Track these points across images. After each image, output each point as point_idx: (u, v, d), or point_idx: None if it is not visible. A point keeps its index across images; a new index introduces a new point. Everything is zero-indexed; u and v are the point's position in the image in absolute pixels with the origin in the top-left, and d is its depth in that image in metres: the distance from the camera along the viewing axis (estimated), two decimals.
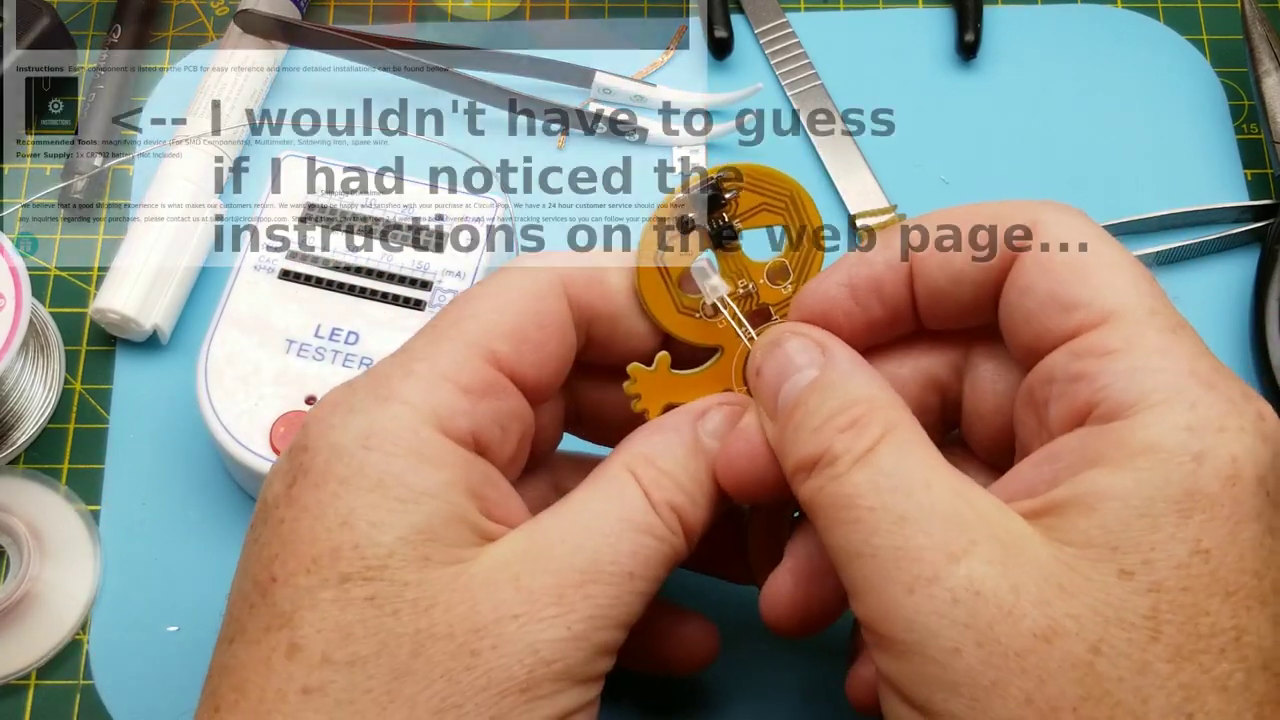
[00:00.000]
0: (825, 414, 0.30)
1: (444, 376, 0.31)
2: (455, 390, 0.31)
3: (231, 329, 0.45)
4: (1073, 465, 0.29)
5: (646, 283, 0.34)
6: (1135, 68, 0.55)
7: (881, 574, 0.28)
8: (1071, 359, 0.30)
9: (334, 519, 0.29)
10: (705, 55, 0.55)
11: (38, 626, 0.44)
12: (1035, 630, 0.26)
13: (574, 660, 0.29)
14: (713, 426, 0.33)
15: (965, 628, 0.27)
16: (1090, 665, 0.26)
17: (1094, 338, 0.30)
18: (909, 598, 0.27)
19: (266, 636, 0.29)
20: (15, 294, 0.44)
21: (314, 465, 0.30)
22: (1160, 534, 0.27)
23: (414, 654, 0.28)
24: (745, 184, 0.35)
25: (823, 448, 0.30)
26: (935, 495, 0.28)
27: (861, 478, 0.29)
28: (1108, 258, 0.31)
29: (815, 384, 0.31)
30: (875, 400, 0.30)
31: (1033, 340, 0.31)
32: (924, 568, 0.27)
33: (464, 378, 0.31)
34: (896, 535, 0.28)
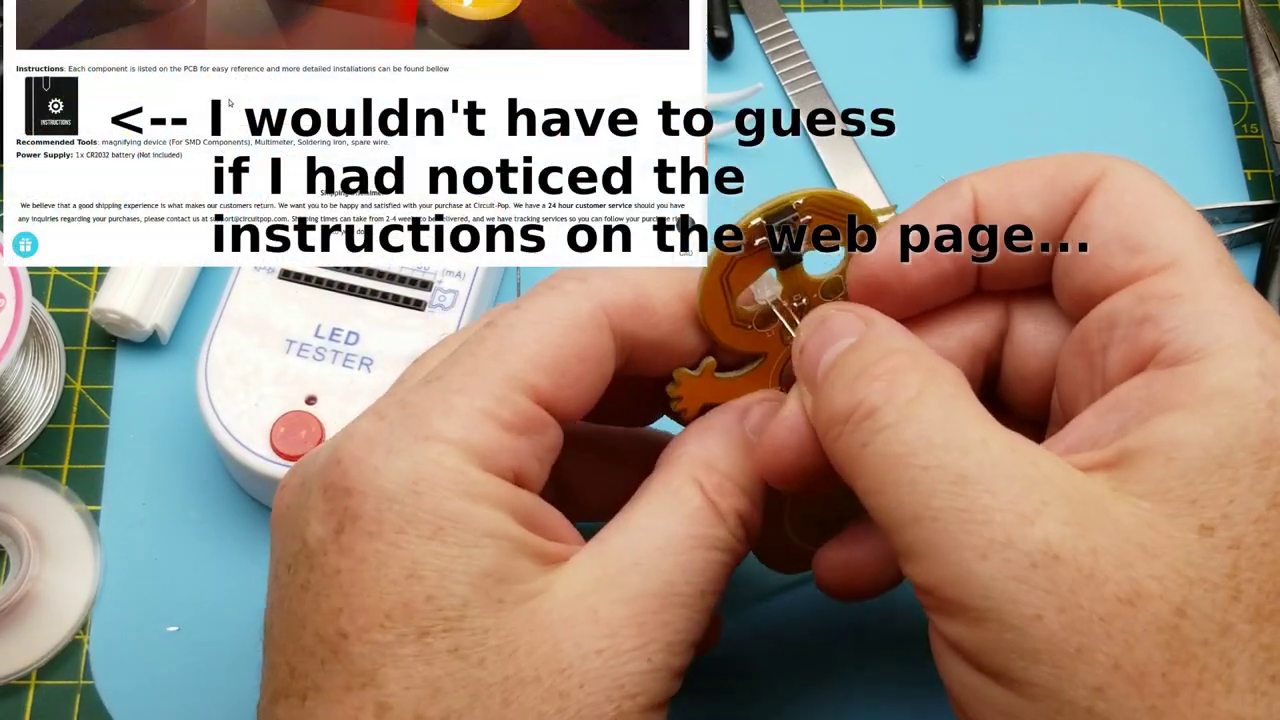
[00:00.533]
0: (861, 365, 0.29)
1: (484, 413, 0.30)
2: (497, 427, 0.30)
3: (231, 329, 0.45)
4: (1141, 413, 0.28)
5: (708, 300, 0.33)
6: (1135, 68, 0.55)
7: (947, 538, 0.26)
8: (1137, 302, 0.29)
9: (399, 571, 0.28)
10: (705, 55, 0.55)
11: (38, 626, 0.44)
12: (1119, 594, 0.26)
13: (656, 691, 0.29)
14: (755, 422, 0.33)
15: (1046, 593, 0.25)
16: (1176, 628, 0.26)
17: (1160, 281, 0.29)
18: (982, 564, 0.26)
19: (348, 696, 0.28)
20: (15, 294, 0.44)
21: (364, 512, 0.28)
22: (1239, 486, 0.26)
23: (505, 702, 0.27)
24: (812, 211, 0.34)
25: (858, 398, 0.28)
26: (994, 452, 0.27)
27: (911, 432, 0.27)
28: (1177, 206, 0.30)
29: (854, 345, 0.30)
30: (915, 351, 0.29)
31: (1091, 282, 0.30)
32: (995, 531, 0.26)
33: (505, 413, 0.30)
34: (959, 496, 0.26)
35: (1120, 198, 0.31)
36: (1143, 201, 0.31)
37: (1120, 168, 0.31)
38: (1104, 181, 0.31)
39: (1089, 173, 0.32)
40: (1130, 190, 0.31)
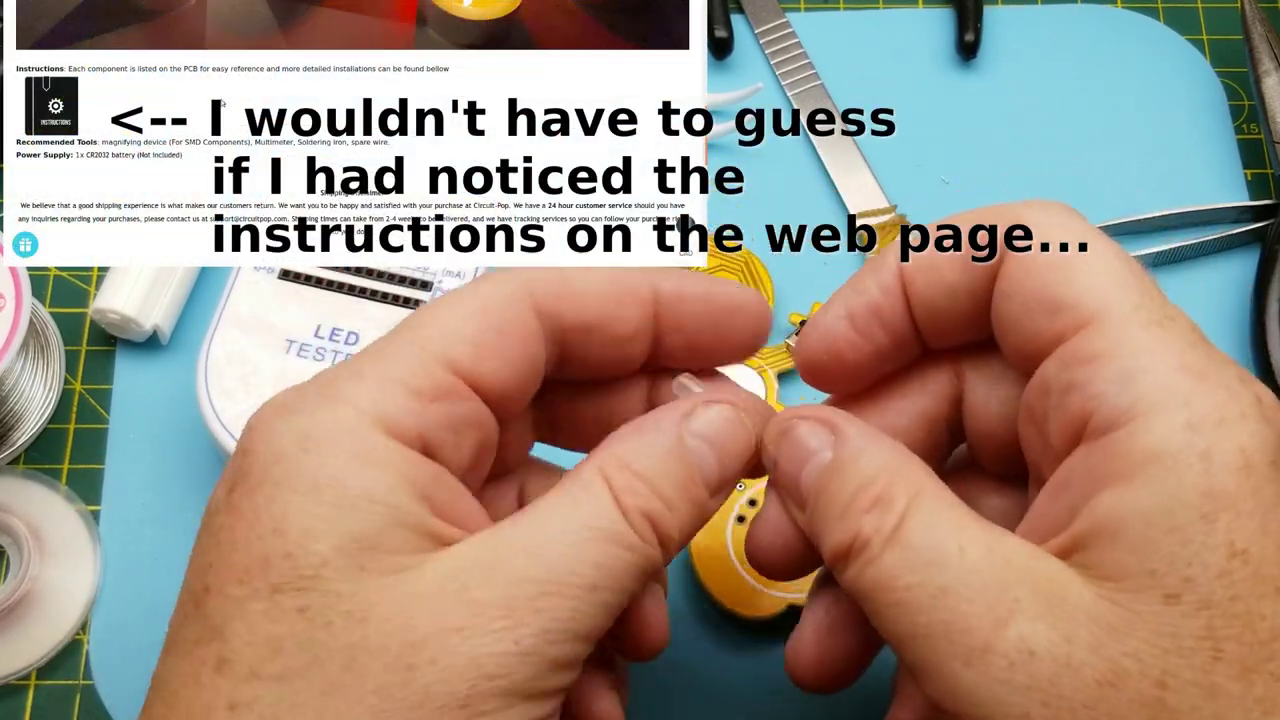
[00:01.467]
0: (847, 497, 0.30)
1: (393, 379, 0.30)
2: (405, 392, 0.30)
3: (231, 329, 0.45)
4: (1084, 491, 0.28)
5: None
6: (1135, 68, 0.55)
7: (936, 652, 0.27)
8: (1062, 368, 0.29)
9: (267, 525, 0.28)
10: (705, 55, 0.55)
11: (38, 626, 0.44)
12: (1098, 678, 0.26)
13: (521, 676, 0.28)
14: (700, 426, 0.32)
15: (1028, 690, 0.26)
16: (1161, 701, 0.26)
17: (1081, 341, 0.29)
18: (967, 672, 0.27)
19: (197, 649, 0.28)
20: (15, 294, 0.44)
21: (252, 469, 0.29)
22: (1192, 546, 0.26)
23: (345, 668, 0.27)
24: None
25: (852, 533, 0.29)
26: (970, 559, 0.28)
27: (893, 558, 0.28)
28: (1092, 254, 0.30)
29: (831, 467, 0.30)
30: (894, 471, 0.30)
31: (1024, 346, 0.30)
32: (974, 638, 0.27)
33: (415, 381, 0.30)
34: (940, 609, 0.27)
35: (1034, 256, 0.30)
36: (1056, 257, 0.30)
37: (1035, 216, 0.31)
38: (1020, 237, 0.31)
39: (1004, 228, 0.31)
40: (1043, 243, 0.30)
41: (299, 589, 0.27)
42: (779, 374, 0.48)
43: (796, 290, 0.50)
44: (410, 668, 0.27)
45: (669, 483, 0.31)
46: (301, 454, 0.28)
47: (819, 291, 0.50)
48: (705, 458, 0.31)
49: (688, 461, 0.31)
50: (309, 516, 0.28)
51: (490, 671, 0.27)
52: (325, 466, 0.28)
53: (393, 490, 0.28)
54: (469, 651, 0.27)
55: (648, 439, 0.31)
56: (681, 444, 0.31)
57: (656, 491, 0.30)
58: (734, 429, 0.32)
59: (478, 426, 0.31)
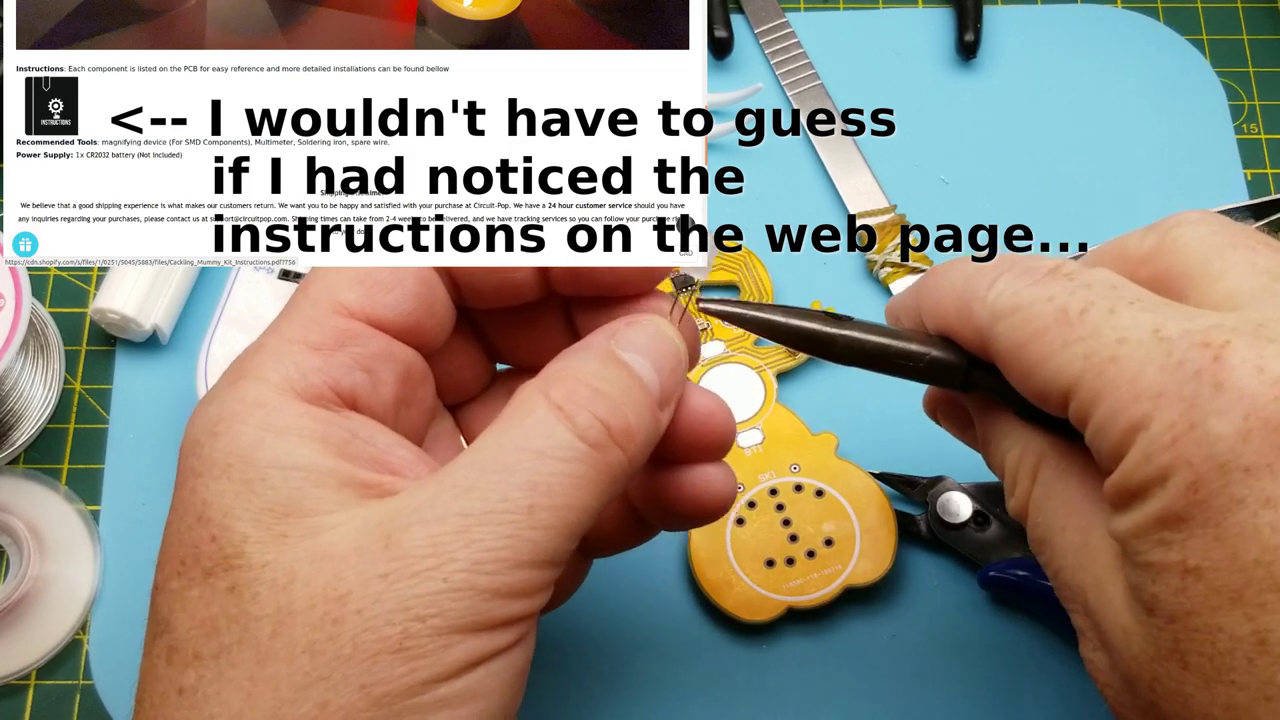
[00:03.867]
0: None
1: (292, 340, 0.30)
2: (304, 349, 0.30)
3: (231, 329, 0.45)
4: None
5: None
6: (1135, 68, 0.55)
7: None
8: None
9: (192, 515, 0.29)
10: (705, 55, 0.55)
11: (38, 626, 0.44)
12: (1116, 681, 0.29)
13: (456, 612, 0.27)
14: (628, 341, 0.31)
15: None
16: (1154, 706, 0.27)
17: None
18: None
19: (153, 645, 0.29)
20: (15, 294, 0.44)
21: (179, 467, 0.30)
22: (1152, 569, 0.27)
23: (274, 635, 0.27)
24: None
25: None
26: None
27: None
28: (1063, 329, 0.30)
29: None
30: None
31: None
32: None
33: (312, 335, 0.30)
34: None
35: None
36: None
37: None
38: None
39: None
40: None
41: (227, 569, 0.28)
42: (778, 374, 0.48)
43: (796, 290, 0.50)
44: (337, 621, 0.27)
45: (612, 385, 0.30)
46: (211, 439, 0.29)
47: (819, 291, 0.50)
48: (642, 366, 0.31)
49: (626, 366, 0.31)
50: (225, 496, 0.28)
51: (420, 613, 0.27)
52: (233, 445, 0.29)
53: (303, 453, 0.29)
54: (395, 596, 0.27)
55: (581, 355, 0.31)
56: (614, 354, 0.31)
57: (600, 393, 0.30)
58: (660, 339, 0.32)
59: (392, 360, 0.31)
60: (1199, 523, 0.26)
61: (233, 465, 0.28)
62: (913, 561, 0.45)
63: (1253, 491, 0.25)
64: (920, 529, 0.45)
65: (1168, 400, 0.26)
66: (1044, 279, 0.30)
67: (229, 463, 0.28)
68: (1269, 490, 0.25)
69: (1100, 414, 0.28)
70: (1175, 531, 0.26)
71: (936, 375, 0.33)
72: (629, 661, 0.43)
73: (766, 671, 0.44)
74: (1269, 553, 0.25)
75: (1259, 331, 0.26)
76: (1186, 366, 0.26)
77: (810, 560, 0.43)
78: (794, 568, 0.43)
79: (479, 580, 0.27)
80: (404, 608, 0.27)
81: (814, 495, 0.45)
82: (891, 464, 0.46)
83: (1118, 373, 0.27)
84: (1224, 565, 0.26)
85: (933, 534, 0.45)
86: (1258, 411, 0.25)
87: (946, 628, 0.44)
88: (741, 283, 0.49)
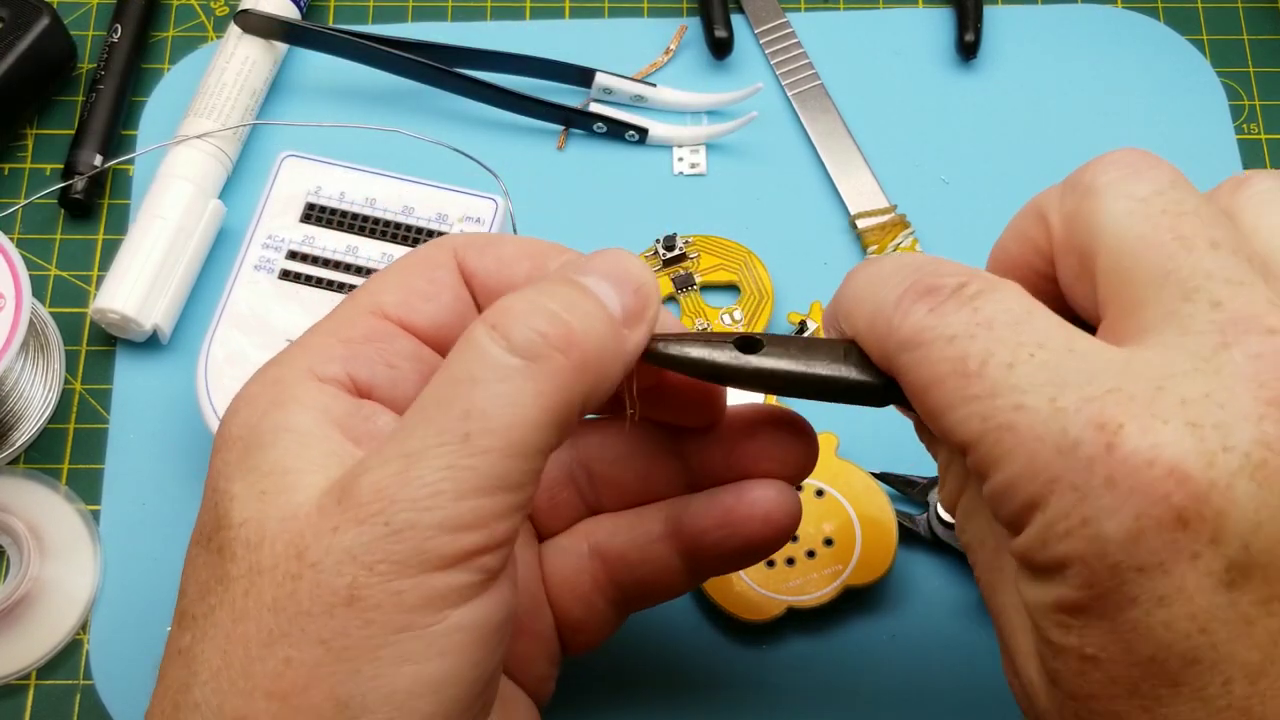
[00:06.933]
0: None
1: (326, 333, 0.32)
2: (332, 341, 0.31)
3: (231, 329, 0.45)
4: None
5: None
6: (1135, 68, 0.55)
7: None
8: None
9: (209, 492, 0.30)
10: (705, 55, 0.55)
11: (38, 626, 0.44)
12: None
13: (400, 553, 0.26)
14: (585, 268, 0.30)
15: None
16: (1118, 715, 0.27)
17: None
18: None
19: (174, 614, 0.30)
20: (15, 294, 0.44)
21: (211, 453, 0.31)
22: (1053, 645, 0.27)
23: (246, 593, 0.28)
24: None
25: None
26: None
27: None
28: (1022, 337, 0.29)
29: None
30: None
31: None
32: None
33: (344, 331, 0.32)
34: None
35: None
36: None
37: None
38: None
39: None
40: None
41: (218, 529, 0.29)
42: None
43: (797, 290, 0.50)
44: (295, 577, 0.27)
45: (554, 298, 0.29)
46: (232, 415, 0.30)
47: (819, 291, 0.50)
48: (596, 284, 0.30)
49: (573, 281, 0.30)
50: (228, 465, 0.29)
51: (366, 560, 0.27)
52: (245, 419, 0.30)
53: (300, 419, 0.30)
54: (344, 546, 0.27)
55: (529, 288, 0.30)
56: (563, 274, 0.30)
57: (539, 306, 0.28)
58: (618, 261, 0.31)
59: (418, 361, 0.32)
60: (1095, 614, 0.26)
61: (238, 438, 0.30)
62: (913, 561, 0.45)
63: (1145, 590, 0.25)
64: (920, 529, 0.45)
65: (1062, 489, 0.25)
66: (946, 304, 0.28)
67: (239, 435, 0.30)
68: (1161, 588, 0.25)
69: (996, 482, 0.27)
70: (1073, 618, 0.26)
71: (856, 397, 0.31)
72: (628, 661, 0.43)
73: (766, 671, 0.44)
74: (1162, 650, 0.25)
75: (1155, 403, 0.25)
76: (1080, 452, 0.25)
77: (810, 560, 0.43)
78: (794, 568, 0.43)
79: (421, 519, 0.27)
80: (351, 557, 0.27)
81: (814, 495, 0.45)
82: (891, 464, 0.46)
83: (1015, 444, 0.26)
84: (1120, 659, 0.26)
85: (933, 534, 0.45)
86: (1149, 510, 0.25)
87: (946, 628, 0.44)
88: (742, 283, 0.49)
